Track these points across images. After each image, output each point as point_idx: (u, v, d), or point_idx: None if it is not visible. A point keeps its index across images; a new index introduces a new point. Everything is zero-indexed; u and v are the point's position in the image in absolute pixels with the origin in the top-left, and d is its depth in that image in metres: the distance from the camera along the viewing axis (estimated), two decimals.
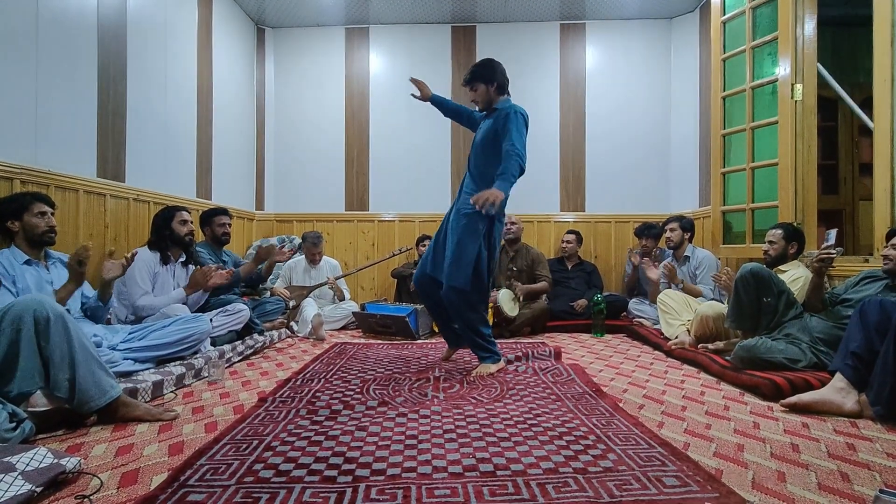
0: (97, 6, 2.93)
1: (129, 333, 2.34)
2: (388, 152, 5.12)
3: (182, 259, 2.88)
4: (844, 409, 1.89)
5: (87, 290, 2.38)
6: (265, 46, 5.17)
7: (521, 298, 3.94)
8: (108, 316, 2.56)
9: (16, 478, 1.21)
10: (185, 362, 2.40)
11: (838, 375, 1.97)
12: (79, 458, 1.37)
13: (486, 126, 2.60)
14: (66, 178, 2.69)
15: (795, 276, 2.73)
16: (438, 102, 2.92)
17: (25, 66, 2.49)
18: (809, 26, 3.29)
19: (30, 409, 1.65)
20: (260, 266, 3.46)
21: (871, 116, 2.84)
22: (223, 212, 3.50)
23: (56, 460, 1.32)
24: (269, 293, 3.88)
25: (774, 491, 1.30)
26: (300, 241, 4.73)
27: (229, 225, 3.52)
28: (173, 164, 3.72)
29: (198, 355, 2.52)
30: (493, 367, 2.54)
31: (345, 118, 5.17)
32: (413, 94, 2.92)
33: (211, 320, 2.75)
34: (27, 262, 2.13)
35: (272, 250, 3.47)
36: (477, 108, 2.74)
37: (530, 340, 3.62)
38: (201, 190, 4.09)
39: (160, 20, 3.55)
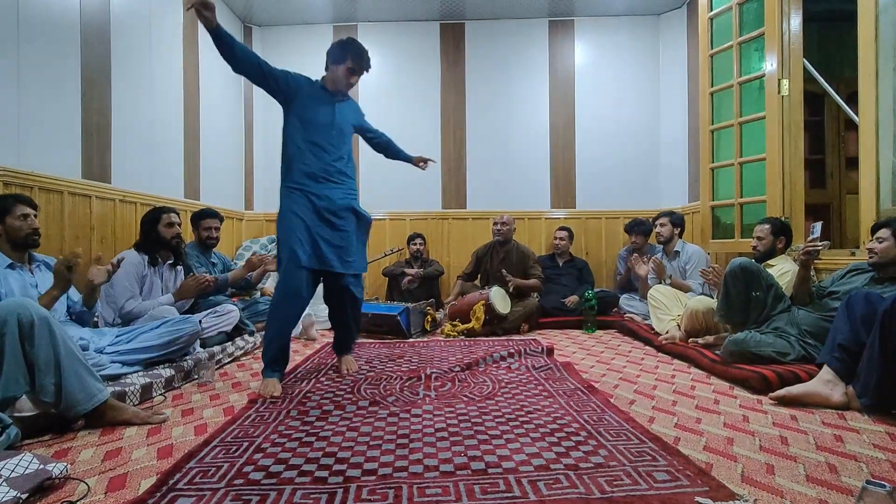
0: (80, 5, 2.89)
1: (117, 336, 2.31)
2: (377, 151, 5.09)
3: (170, 261, 2.85)
4: (832, 401, 1.91)
5: (73, 294, 2.35)
6: (253, 45, 5.12)
7: (512, 290, 3.94)
8: (95, 318, 2.53)
9: (0, 485, 1.19)
10: (175, 364, 2.37)
11: (826, 368, 1.99)
12: (65, 464, 1.35)
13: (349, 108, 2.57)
14: (50, 179, 2.66)
15: (784, 270, 2.76)
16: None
17: (7, 66, 2.45)
18: (795, 22, 3.31)
19: (15, 414, 1.63)
20: (250, 273, 3.42)
21: (856, 111, 2.87)
22: (211, 214, 3.41)
23: (42, 466, 1.30)
24: (259, 294, 3.85)
25: (763, 484, 1.31)
26: None
27: (216, 229, 3.43)
28: (160, 165, 3.68)
29: (187, 357, 2.49)
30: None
31: None
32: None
33: (200, 322, 2.73)
34: (10, 266, 2.09)
35: (265, 260, 3.43)
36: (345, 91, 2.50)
37: (522, 338, 3.62)
38: (189, 190, 4.05)
39: (145, 19, 3.51)
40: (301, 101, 2.39)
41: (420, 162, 2.94)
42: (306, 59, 5.12)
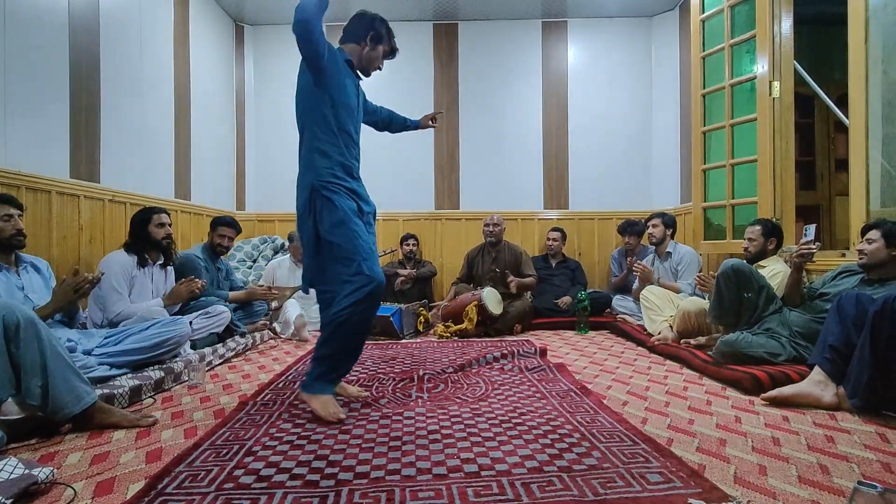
0: (68, 1, 2.85)
1: (105, 338, 2.28)
2: (370, 150, 5.03)
3: (160, 261, 2.82)
4: (823, 401, 1.92)
5: None
6: (244, 44, 5.09)
7: (514, 290, 3.95)
8: (83, 320, 2.49)
9: None
10: (164, 366, 2.34)
11: (817, 369, 2.00)
12: (52, 468, 1.33)
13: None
14: (37, 178, 2.61)
15: (775, 272, 2.77)
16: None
17: None
18: (786, 24, 3.33)
19: (1, 417, 1.60)
20: (258, 301, 3.61)
21: (846, 113, 2.89)
22: (229, 223, 3.40)
23: (27, 470, 1.28)
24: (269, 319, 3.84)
25: (756, 485, 1.31)
26: (283, 241, 4.67)
27: (230, 238, 3.42)
28: (150, 164, 3.65)
29: (177, 359, 2.47)
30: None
31: None
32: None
33: (191, 323, 2.70)
34: None
35: (269, 294, 3.55)
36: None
37: (515, 339, 3.62)
38: (180, 190, 4.01)
39: (135, 16, 3.47)
40: (336, 77, 1.98)
41: (430, 121, 2.63)
42: (299, 58, 5.08)
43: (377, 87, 5.07)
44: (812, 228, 2.46)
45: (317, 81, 1.96)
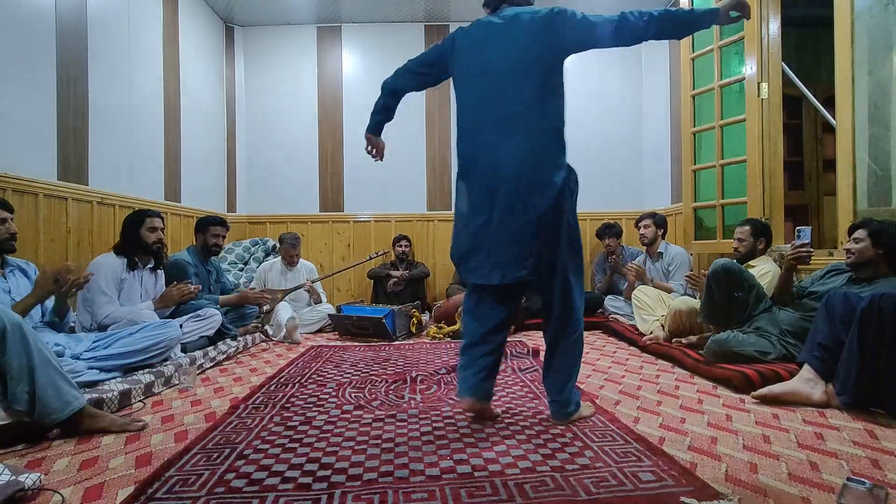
0: (55, 2, 2.82)
1: (94, 342, 2.25)
2: (362, 152, 5.00)
3: (150, 265, 2.79)
4: (812, 399, 1.94)
5: (48, 300, 2.28)
6: (234, 45, 5.07)
7: None
8: (72, 324, 2.47)
9: None
10: (155, 370, 2.32)
11: (806, 367, 2.02)
12: (39, 474, 1.31)
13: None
14: (23, 181, 2.58)
15: (764, 271, 2.79)
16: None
17: None
18: (774, 26, 3.37)
19: None
20: (250, 306, 3.62)
21: (833, 114, 2.93)
22: (221, 222, 3.38)
23: (14, 477, 1.26)
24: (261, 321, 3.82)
25: (747, 483, 1.32)
26: (274, 243, 4.65)
27: (224, 237, 3.40)
28: (140, 166, 3.61)
29: (168, 362, 2.44)
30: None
31: (318, 118, 5.10)
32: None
33: (181, 326, 2.68)
34: None
35: (262, 298, 3.55)
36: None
37: (508, 339, 3.61)
38: (170, 192, 3.98)
39: (123, 17, 3.44)
40: None
41: None
42: (290, 59, 5.09)
43: (369, 89, 5.08)
44: (807, 231, 2.46)
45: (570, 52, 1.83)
